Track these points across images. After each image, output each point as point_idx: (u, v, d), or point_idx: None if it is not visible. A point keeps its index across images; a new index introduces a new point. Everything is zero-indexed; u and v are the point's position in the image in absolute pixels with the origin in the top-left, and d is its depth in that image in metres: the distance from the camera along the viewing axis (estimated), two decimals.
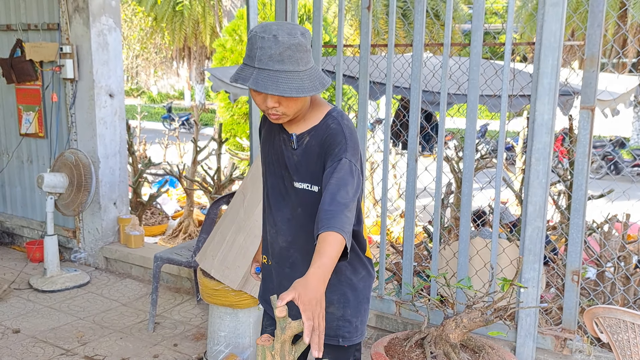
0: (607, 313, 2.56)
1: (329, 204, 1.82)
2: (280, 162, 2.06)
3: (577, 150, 3.13)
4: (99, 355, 3.66)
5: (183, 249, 4.23)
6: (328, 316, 2.11)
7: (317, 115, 2.01)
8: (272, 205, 2.12)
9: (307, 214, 2.04)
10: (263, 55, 1.78)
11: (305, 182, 2.01)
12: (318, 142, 1.97)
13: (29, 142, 5.58)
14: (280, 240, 2.10)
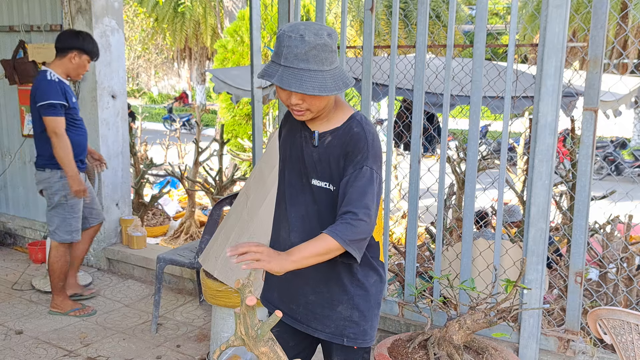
0: (610, 314, 2.56)
1: (342, 213, 1.90)
2: (300, 158, 2.08)
3: (580, 151, 3.13)
4: (102, 356, 3.66)
5: (185, 250, 4.23)
6: (335, 315, 2.13)
7: (341, 117, 2.04)
8: (287, 201, 2.13)
9: (321, 212, 2.07)
10: (289, 54, 1.83)
11: (324, 180, 2.04)
12: (340, 143, 2.00)
13: (31, 143, 5.54)
14: (292, 237, 2.11)
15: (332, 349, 2.19)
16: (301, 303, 2.15)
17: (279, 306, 2.22)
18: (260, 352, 1.69)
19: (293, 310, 2.18)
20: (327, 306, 2.13)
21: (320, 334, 2.16)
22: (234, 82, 6.30)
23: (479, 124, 3.35)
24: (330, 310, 2.13)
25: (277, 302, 2.24)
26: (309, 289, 2.13)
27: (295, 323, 2.19)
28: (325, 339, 2.17)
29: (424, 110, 3.61)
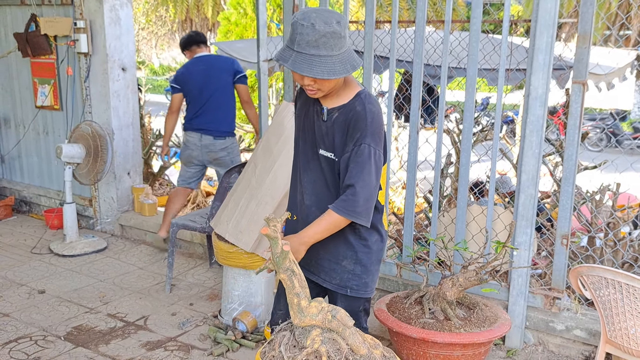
0: (590, 271, 2.81)
1: (345, 186, 2.21)
2: (312, 130, 2.34)
3: (568, 122, 3.34)
4: (120, 313, 3.93)
5: (197, 216, 4.47)
6: (340, 268, 2.40)
7: (348, 94, 2.28)
8: (300, 167, 2.41)
9: (330, 178, 2.33)
10: (302, 41, 2.05)
11: (329, 151, 2.29)
12: (344, 119, 2.25)
13: (44, 114, 5.79)
14: (306, 199, 2.40)
15: (337, 297, 2.45)
16: (313, 257, 2.41)
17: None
18: (280, 277, 2.08)
19: (307, 263, 2.44)
20: (333, 260, 2.40)
21: (328, 285, 2.44)
22: (239, 55, 6.48)
23: (475, 95, 3.55)
24: (335, 264, 2.40)
25: None
26: (319, 246, 2.37)
27: (309, 274, 2.45)
28: (331, 289, 2.45)
29: (424, 83, 3.81)
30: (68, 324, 3.75)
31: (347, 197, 2.19)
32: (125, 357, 3.36)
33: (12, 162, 6.27)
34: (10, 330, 3.65)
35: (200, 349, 3.47)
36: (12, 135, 6.15)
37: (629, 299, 2.68)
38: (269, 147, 3.67)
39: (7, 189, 6.30)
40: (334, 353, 2.01)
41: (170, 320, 3.84)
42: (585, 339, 3.40)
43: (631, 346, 2.76)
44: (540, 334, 3.54)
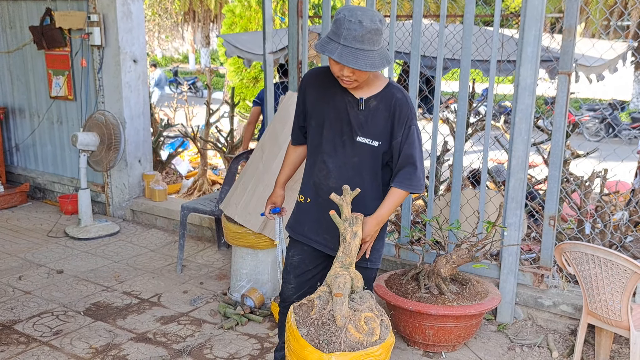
0: (572, 248, 3.04)
1: (402, 166, 2.52)
2: (343, 119, 2.54)
3: (555, 110, 3.56)
4: (135, 291, 4.18)
5: (206, 200, 4.71)
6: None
7: (378, 84, 2.52)
8: (325, 153, 2.60)
9: (362, 163, 2.57)
10: (348, 35, 2.27)
11: (368, 137, 2.53)
12: (386, 107, 2.50)
13: (59, 104, 6.03)
14: (331, 182, 2.60)
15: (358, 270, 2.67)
16: (334, 234, 2.62)
17: (312, 237, 2.70)
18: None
19: (326, 240, 2.66)
20: None
21: None
22: (245, 47, 6.68)
23: (468, 85, 3.78)
24: None
25: (310, 233, 2.71)
26: None
27: (329, 250, 2.67)
28: None
29: (421, 74, 4.03)
30: (86, 300, 4.01)
31: (409, 174, 2.49)
32: (142, 330, 3.61)
33: (27, 151, 6.51)
34: (32, 306, 3.90)
35: (211, 323, 3.72)
36: (27, 124, 6.39)
37: (608, 272, 2.92)
38: (275, 134, 3.90)
39: (22, 176, 6.55)
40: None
41: (182, 297, 4.09)
42: (571, 314, 3.63)
43: (610, 317, 3.00)
44: (530, 309, 3.78)
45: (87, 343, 3.44)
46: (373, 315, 2.23)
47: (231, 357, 3.32)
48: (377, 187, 2.60)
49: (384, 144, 2.52)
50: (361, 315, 2.14)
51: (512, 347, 3.50)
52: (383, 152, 2.53)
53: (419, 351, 3.45)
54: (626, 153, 4.05)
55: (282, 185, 2.93)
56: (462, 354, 3.42)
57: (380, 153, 2.53)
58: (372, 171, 2.56)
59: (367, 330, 2.19)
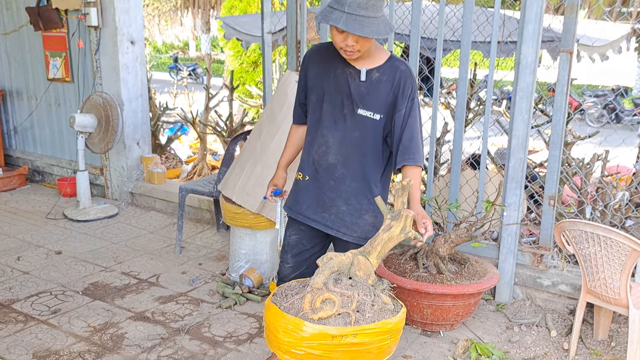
0: (572, 226, 3.02)
1: (409, 140, 2.45)
2: (343, 91, 2.49)
3: (556, 89, 3.53)
4: (134, 271, 4.18)
5: (204, 182, 4.70)
6: (362, 222, 2.60)
7: (380, 56, 2.48)
8: (324, 127, 2.55)
9: (362, 137, 2.51)
10: (352, 3, 2.22)
11: (369, 110, 2.47)
12: (389, 79, 2.45)
13: (56, 86, 5.99)
14: (330, 158, 2.55)
15: (349, 246, 2.60)
16: (333, 212, 2.61)
17: (310, 215, 2.65)
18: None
19: (325, 218, 2.62)
20: (356, 215, 2.59)
21: (348, 238, 2.61)
22: (243, 29, 6.64)
23: (468, 64, 3.75)
24: (358, 218, 2.60)
25: (308, 212, 2.66)
26: (341, 201, 2.59)
27: (327, 229, 2.63)
28: (352, 241, 2.61)
29: (422, 55, 3.99)
30: (85, 280, 4.00)
31: (417, 149, 2.44)
32: (140, 309, 3.61)
33: (25, 133, 6.49)
34: (31, 286, 3.90)
35: (209, 303, 3.72)
36: (25, 107, 6.36)
37: (607, 250, 2.90)
38: (273, 114, 3.87)
39: (21, 159, 6.53)
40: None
41: (181, 278, 4.09)
42: (570, 294, 3.62)
43: (609, 295, 2.99)
44: (528, 289, 3.77)
45: (86, 322, 3.43)
46: (335, 300, 2.00)
47: (229, 336, 3.32)
48: (378, 162, 2.55)
49: (385, 118, 2.47)
50: (323, 294, 2.01)
51: (511, 326, 3.50)
52: (384, 126, 2.49)
53: (417, 330, 3.44)
54: (628, 138, 4.01)
55: (284, 167, 2.88)
56: (460, 332, 3.42)
57: (382, 127, 2.48)
58: (372, 146, 2.51)
59: (316, 308, 2.01)
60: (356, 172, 2.54)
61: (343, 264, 2.07)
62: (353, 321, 1.92)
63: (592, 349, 3.21)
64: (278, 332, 2.00)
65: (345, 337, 1.89)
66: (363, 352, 1.92)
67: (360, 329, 1.90)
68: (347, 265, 2.07)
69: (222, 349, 3.18)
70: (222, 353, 3.14)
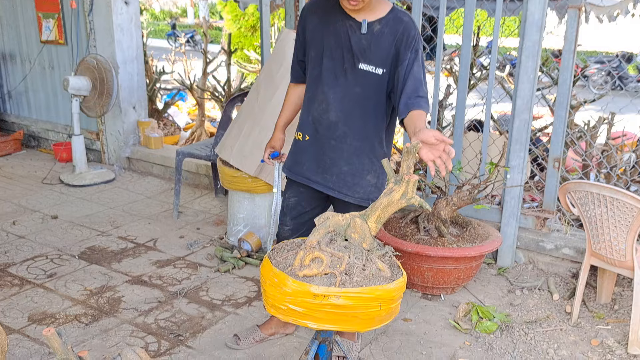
0: (577, 187, 2.95)
1: (413, 89, 2.27)
2: (344, 45, 2.38)
3: (564, 47, 3.41)
4: (131, 236, 4.12)
5: (202, 145, 4.61)
6: (364, 182, 2.51)
7: (382, 7, 2.36)
8: (324, 84, 2.44)
9: (364, 94, 2.40)
10: None
11: (371, 64, 2.36)
12: (392, 31, 2.33)
13: (49, 49, 5.86)
14: (331, 115, 2.45)
15: (350, 208, 2.51)
16: (334, 173, 2.51)
17: (311, 177, 2.57)
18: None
19: (326, 179, 2.53)
20: (358, 175, 2.50)
21: (350, 199, 2.53)
22: None
23: (473, 23, 3.62)
24: (360, 178, 2.51)
25: (309, 173, 2.57)
26: (343, 161, 2.49)
27: (328, 190, 2.54)
28: (354, 202, 2.53)
29: (424, 13, 3.86)
30: (81, 244, 3.95)
31: (423, 95, 2.28)
32: (137, 273, 3.56)
33: (19, 98, 6.37)
34: (26, 250, 3.84)
35: (207, 267, 3.67)
36: (18, 70, 6.24)
37: (613, 211, 2.83)
38: (271, 74, 3.76)
39: (16, 124, 6.43)
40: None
41: (179, 242, 4.03)
42: (573, 257, 3.57)
43: (614, 257, 2.93)
44: (531, 253, 3.72)
45: (82, 285, 3.39)
46: (323, 259, 1.91)
47: (227, 299, 3.27)
48: (381, 120, 2.45)
49: (387, 72, 2.35)
50: (313, 253, 1.92)
51: (512, 289, 3.45)
52: (387, 82, 2.37)
53: (417, 293, 3.40)
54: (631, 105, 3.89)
55: (282, 128, 2.78)
56: (461, 296, 3.37)
57: (385, 83, 2.37)
58: (375, 103, 2.41)
59: (305, 265, 1.93)
60: (358, 130, 2.44)
61: (339, 224, 1.99)
62: (338, 283, 1.84)
63: (595, 312, 3.16)
64: (266, 285, 1.96)
65: (327, 297, 1.82)
66: (349, 316, 1.84)
67: (344, 292, 1.81)
68: (344, 227, 1.99)
69: (220, 312, 3.14)
70: (220, 316, 3.10)
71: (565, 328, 3.04)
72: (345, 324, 1.87)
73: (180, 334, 2.92)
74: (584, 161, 4.17)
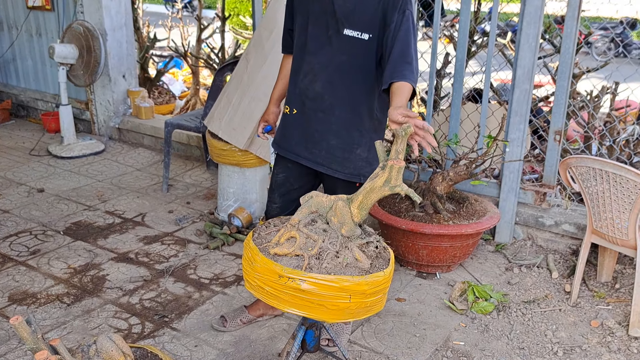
0: (579, 162, 2.82)
1: (399, 55, 2.09)
2: (328, 10, 2.22)
3: (566, 14, 3.23)
4: (118, 210, 4.01)
5: (191, 116, 4.46)
6: (354, 157, 2.36)
7: None
8: (310, 52, 2.28)
9: (351, 62, 2.23)
10: None
11: (356, 29, 2.19)
12: None
13: (36, 15, 5.65)
14: (317, 86, 2.30)
15: (344, 187, 2.39)
16: (323, 147, 2.37)
17: (301, 152, 2.42)
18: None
19: (315, 154, 2.39)
20: (347, 149, 2.35)
21: (339, 175, 2.39)
22: None
23: None
24: (349, 152, 2.36)
25: (297, 148, 2.43)
26: (331, 134, 2.34)
27: (317, 166, 2.40)
28: (343, 178, 2.39)
29: None
30: (67, 220, 3.84)
31: (409, 67, 2.09)
32: (124, 250, 3.46)
33: (7, 66, 6.19)
34: (10, 225, 3.73)
35: (196, 243, 3.56)
36: (5, 37, 6.04)
37: (616, 188, 2.70)
38: (261, 42, 3.59)
39: (4, 93, 6.26)
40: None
41: (168, 217, 3.92)
42: (573, 233, 3.46)
43: (615, 235, 2.82)
44: (530, 229, 3.60)
45: (66, 263, 3.29)
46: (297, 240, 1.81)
47: (216, 278, 3.18)
48: (371, 90, 2.28)
49: (375, 38, 2.18)
50: (290, 232, 1.83)
51: (510, 267, 3.35)
52: (376, 48, 2.20)
53: (412, 272, 3.29)
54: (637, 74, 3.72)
55: (277, 102, 2.63)
56: (457, 274, 3.27)
57: (373, 49, 2.20)
58: (363, 71, 2.24)
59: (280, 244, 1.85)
60: (345, 101, 2.29)
61: (322, 205, 1.87)
62: (305, 266, 1.73)
63: (595, 292, 3.06)
64: (243, 258, 1.90)
65: (292, 279, 1.71)
66: (315, 304, 1.72)
67: (309, 277, 1.70)
68: (326, 208, 1.87)
69: (207, 292, 3.04)
70: (208, 296, 3.00)
71: (564, 308, 2.94)
72: (311, 311, 1.76)
73: (166, 315, 2.82)
74: (586, 133, 4.03)
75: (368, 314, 1.83)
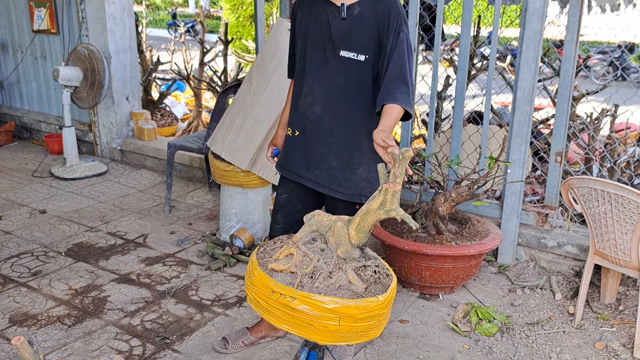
0: (580, 183, 2.82)
1: (392, 78, 2.14)
2: (325, 33, 2.26)
3: (566, 37, 3.27)
4: (120, 231, 4.01)
5: (194, 137, 4.49)
6: (355, 177, 2.38)
7: None
8: (309, 74, 2.32)
9: (348, 82, 2.27)
10: None
11: (353, 50, 2.23)
12: (372, 14, 2.19)
13: (41, 38, 5.72)
14: (316, 108, 2.33)
15: (337, 207, 2.43)
16: (324, 168, 2.39)
17: (302, 173, 2.45)
18: None
19: (317, 176, 2.41)
20: (347, 170, 2.37)
21: (340, 195, 2.40)
22: None
23: (472, 11, 3.49)
24: (350, 173, 2.38)
25: (299, 169, 2.46)
26: (332, 155, 2.37)
27: (319, 187, 2.42)
28: (344, 199, 2.41)
29: (422, 1, 3.72)
30: (69, 241, 3.84)
31: (402, 89, 2.12)
32: (125, 271, 3.45)
33: (11, 88, 6.24)
34: (12, 246, 3.73)
35: (198, 264, 3.56)
36: (10, 60, 6.10)
37: (618, 209, 2.71)
38: (264, 65, 3.63)
39: (8, 115, 6.30)
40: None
41: (169, 238, 3.92)
42: (576, 255, 3.45)
43: (618, 256, 2.81)
44: (532, 250, 3.60)
45: (67, 284, 3.28)
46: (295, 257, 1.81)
47: (217, 299, 3.16)
48: (369, 110, 2.30)
49: (371, 58, 2.22)
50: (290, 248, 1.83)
51: (513, 289, 3.34)
52: (372, 69, 2.23)
53: (414, 293, 3.28)
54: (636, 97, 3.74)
55: (285, 126, 2.64)
56: (460, 295, 3.26)
57: (369, 70, 2.23)
58: (360, 92, 2.27)
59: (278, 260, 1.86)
60: (344, 121, 2.32)
61: (322, 224, 1.87)
62: (297, 284, 1.73)
63: (599, 313, 3.05)
64: (246, 272, 1.92)
65: (283, 296, 1.70)
66: (305, 323, 1.71)
67: (300, 295, 1.69)
68: (326, 228, 1.87)
69: (209, 313, 3.03)
70: (209, 317, 2.99)
71: (568, 330, 2.92)
72: (301, 330, 1.74)
73: (167, 336, 2.81)
74: (587, 154, 4.05)
75: (362, 339, 1.79)
